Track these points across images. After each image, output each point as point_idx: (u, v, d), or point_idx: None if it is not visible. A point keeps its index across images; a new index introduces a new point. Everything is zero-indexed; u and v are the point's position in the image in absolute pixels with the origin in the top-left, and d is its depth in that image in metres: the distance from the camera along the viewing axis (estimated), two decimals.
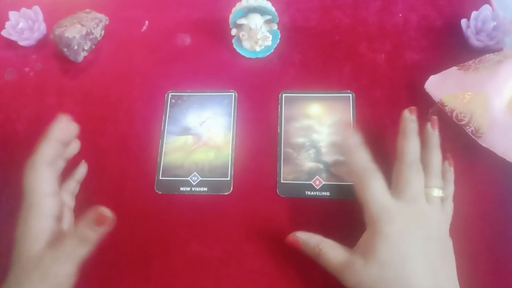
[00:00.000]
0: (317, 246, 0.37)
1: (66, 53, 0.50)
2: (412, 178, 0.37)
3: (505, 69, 0.40)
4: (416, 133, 0.39)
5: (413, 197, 0.36)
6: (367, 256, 0.34)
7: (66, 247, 0.35)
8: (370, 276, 0.33)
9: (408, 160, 0.38)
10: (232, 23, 0.49)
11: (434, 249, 0.34)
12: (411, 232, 0.34)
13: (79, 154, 0.47)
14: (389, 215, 0.35)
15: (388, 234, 0.34)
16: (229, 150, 0.46)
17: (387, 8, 0.52)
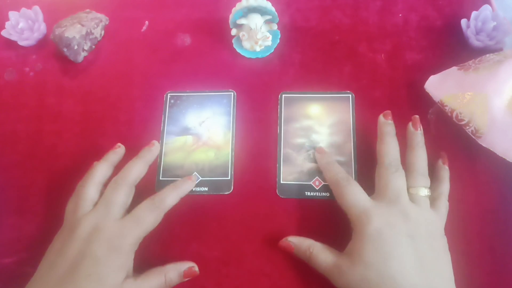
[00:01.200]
0: (308, 249, 0.38)
1: (66, 53, 0.50)
2: (391, 178, 0.37)
3: (505, 69, 0.40)
4: (392, 135, 0.40)
5: (394, 197, 0.37)
6: (352, 257, 0.35)
7: (151, 283, 0.37)
8: (356, 277, 0.34)
9: (386, 162, 0.38)
10: (232, 23, 0.49)
11: (422, 247, 0.34)
12: (393, 231, 0.35)
13: (79, 153, 0.47)
14: (367, 216, 0.36)
15: (368, 235, 0.35)
16: (229, 150, 0.46)
17: (387, 8, 0.52)
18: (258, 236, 0.43)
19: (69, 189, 0.46)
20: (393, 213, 0.36)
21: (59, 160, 0.47)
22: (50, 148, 0.48)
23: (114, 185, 0.40)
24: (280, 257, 0.42)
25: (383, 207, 0.36)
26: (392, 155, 0.39)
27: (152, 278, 0.37)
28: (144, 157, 0.43)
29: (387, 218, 0.35)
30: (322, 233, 0.42)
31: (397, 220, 0.35)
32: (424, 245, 0.35)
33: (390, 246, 0.34)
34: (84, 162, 0.47)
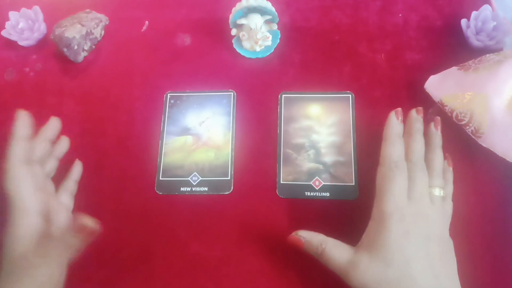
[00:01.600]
0: (320, 245, 0.37)
1: (66, 53, 0.50)
2: (418, 176, 0.37)
3: (505, 69, 0.40)
4: (422, 134, 0.39)
5: (419, 196, 0.36)
6: (372, 253, 0.34)
7: (51, 252, 0.35)
8: (374, 275, 0.33)
9: (414, 159, 0.38)
10: (232, 23, 0.49)
11: (435, 249, 0.34)
12: (415, 232, 0.34)
13: (79, 153, 0.47)
14: (400, 215, 0.34)
15: (396, 233, 0.34)
16: (229, 150, 0.46)
17: (387, 8, 0.52)
18: (258, 236, 0.43)
19: None
20: (418, 214, 0.35)
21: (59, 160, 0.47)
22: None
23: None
24: (280, 257, 0.42)
25: (411, 207, 0.35)
26: (419, 153, 0.38)
27: (51, 244, 0.36)
28: (43, 135, 0.43)
29: (414, 219, 0.35)
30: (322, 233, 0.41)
31: (420, 222, 0.35)
32: (437, 246, 0.35)
33: (411, 247, 0.33)
34: (84, 162, 0.47)
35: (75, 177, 0.45)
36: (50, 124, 0.44)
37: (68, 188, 0.44)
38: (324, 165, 0.44)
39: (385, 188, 0.36)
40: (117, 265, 0.43)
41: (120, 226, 0.44)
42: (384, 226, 0.34)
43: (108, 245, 0.43)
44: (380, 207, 0.35)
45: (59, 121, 0.45)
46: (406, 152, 0.38)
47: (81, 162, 0.46)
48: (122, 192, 0.45)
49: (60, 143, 0.45)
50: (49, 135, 0.43)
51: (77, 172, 0.46)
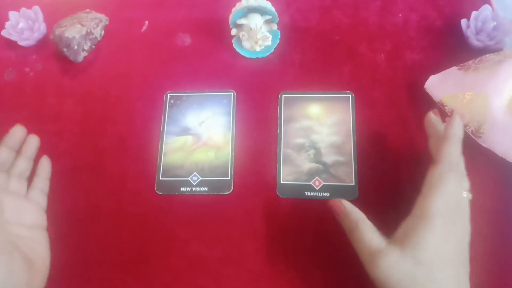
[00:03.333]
0: (357, 221, 0.35)
1: (66, 53, 0.50)
2: (464, 181, 0.36)
3: (505, 69, 0.40)
4: (461, 143, 0.38)
5: (462, 202, 0.35)
6: (405, 248, 0.33)
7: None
8: (401, 271, 0.32)
9: (455, 163, 0.36)
10: (232, 23, 0.49)
11: (464, 254, 0.34)
12: (454, 237, 0.33)
13: (79, 153, 0.47)
14: (447, 217, 0.33)
15: (438, 235, 0.32)
16: (229, 150, 0.46)
17: (387, 8, 0.52)
18: (258, 236, 0.43)
19: (69, 188, 0.46)
20: (459, 218, 0.34)
21: (59, 160, 0.47)
22: (50, 148, 0.48)
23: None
24: (280, 257, 0.42)
25: (456, 210, 0.34)
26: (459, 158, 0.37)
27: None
28: (3, 143, 0.44)
29: (458, 223, 0.34)
30: (322, 233, 0.42)
31: (460, 226, 0.34)
32: (466, 252, 0.34)
33: (449, 252, 0.33)
34: (84, 162, 0.47)
35: (44, 174, 0.46)
36: (12, 132, 0.45)
37: (37, 186, 0.45)
38: (324, 165, 0.44)
39: (438, 187, 0.34)
40: (117, 265, 0.43)
41: (120, 226, 0.44)
42: (427, 225, 0.33)
43: (108, 245, 0.43)
44: (427, 205, 0.33)
45: (22, 128, 0.46)
46: (444, 157, 0.37)
47: (49, 159, 0.47)
48: (122, 192, 0.45)
49: (28, 142, 0.46)
50: (9, 143, 0.45)
51: (44, 169, 0.46)
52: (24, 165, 0.45)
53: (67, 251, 0.43)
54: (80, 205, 0.45)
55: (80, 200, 0.45)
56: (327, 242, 0.41)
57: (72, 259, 0.43)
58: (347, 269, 0.40)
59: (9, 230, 0.40)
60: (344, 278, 0.40)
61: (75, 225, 0.44)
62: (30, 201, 0.43)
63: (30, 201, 0.43)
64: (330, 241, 0.40)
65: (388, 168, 0.44)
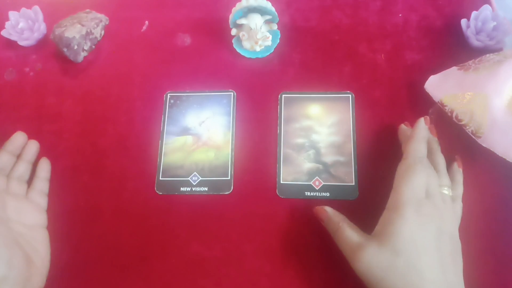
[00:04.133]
0: (338, 223, 0.38)
1: (66, 53, 0.50)
2: (432, 175, 0.37)
3: (505, 69, 0.40)
4: (426, 141, 0.40)
5: (434, 192, 0.36)
6: (382, 240, 0.34)
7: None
8: (381, 262, 0.33)
9: (420, 157, 0.38)
10: (232, 23, 0.49)
11: (446, 245, 0.35)
12: (429, 226, 0.34)
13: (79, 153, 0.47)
14: (417, 206, 0.35)
15: (411, 223, 0.34)
16: (229, 150, 0.46)
17: (387, 8, 0.52)
18: (258, 236, 0.43)
19: (69, 188, 0.46)
20: (431, 209, 0.35)
21: (59, 160, 0.47)
22: (50, 148, 0.48)
23: None
24: (280, 257, 0.42)
25: (427, 201, 0.36)
26: (424, 153, 0.39)
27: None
28: (2, 147, 0.45)
29: (428, 213, 0.35)
30: (322, 233, 0.42)
31: (433, 216, 0.35)
32: (448, 242, 0.35)
33: (423, 239, 0.34)
34: (84, 162, 0.47)
35: (43, 175, 0.46)
36: (13, 138, 0.46)
37: (37, 187, 0.45)
38: (324, 165, 0.44)
39: (406, 179, 0.36)
40: (117, 265, 0.43)
41: (120, 226, 0.44)
42: (399, 214, 0.34)
43: (108, 245, 0.43)
44: (398, 196, 0.36)
45: (23, 134, 0.47)
46: (409, 152, 0.39)
47: (48, 160, 0.47)
48: (122, 192, 0.45)
49: (27, 147, 0.47)
50: (10, 149, 0.45)
51: (44, 170, 0.46)
52: (24, 169, 0.45)
53: (67, 251, 0.43)
54: (80, 205, 0.45)
55: (80, 200, 0.45)
56: (327, 242, 0.41)
57: (72, 259, 0.43)
58: (347, 269, 0.40)
59: (11, 227, 0.40)
60: (344, 278, 0.40)
61: (75, 225, 0.44)
62: (30, 201, 0.44)
63: (30, 201, 0.44)
64: (330, 241, 0.40)
65: (388, 168, 0.44)
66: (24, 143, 0.47)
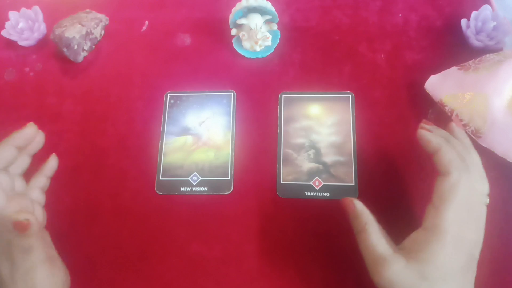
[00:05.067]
0: (365, 223, 0.35)
1: (66, 53, 0.50)
2: (471, 187, 0.34)
3: (505, 69, 0.40)
4: (447, 143, 0.37)
5: (475, 208, 0.34)
6: (411, 260, 0.32)
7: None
8: (405, 282, 0.32)
9: (465, 165, 0.35)
10: (232, 23, 0.49)
11: (472, 270, 0.33)
12: (463, 251, 0.32)
13: (79, 153, 0.47)
14: (458, 228, 0.32)
15: (447, 249, 0.32)
16: (229, 150, 0.46)
17: (387, 8, 0.52)
18: (258, 236, 0.43)
19: (69, 188, 0.46)
20: (471, 230, 0.33)
21: (59, 160, 0.47)
22: (50, 148, 0.48)
23: None
24: (280, 257, 0.42)
25: (467, 220, 0.33)
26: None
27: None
28: (11, 141, 0.42)
29: (468, 235, 0.32)
30: (322, 233, 0.42)
31: (472, 240, 0.33)
32: (473, 269, 0.33)
33: (455, 266, 0.32)
34: (84, 162, 0.47)
35: (48, 173, 0.45)
36: (22, 131, 0.44)
37: (38, 184, 0.44)
38: (324, 165, 0.44)
39: (450, 199, 0.33)
40: (117, 265, 0.43)
41: (120, 226, 0.44)
42: (438, 239, 0.32)
43: (108, 245, 0.43)
44: (439, 218, 0.32)
45: (33, 129, 0.45)
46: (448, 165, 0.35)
47: (57, 158, 0.47)
48: (122, 192, 0.45)
49: (35, 141, 0.45)
50: (17, 143, 0.43)
51: (51, 168, 0.46)
52: (25, 162, 0.44)
53: (67, 251, 0.43)
54: (80, 205, 0.45)
55: (80, 199, 0.45)
56: (327, 242, 0.41)
57: (72, 259, 0.43)
58: (347, 269, 0.40)
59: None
60: (344, 278, 0.40)
61: (75, 225, 0.44)
62: (32, 199, 0.43)
63: (32, 199, 0.42)
64: (330, 241, 0.40)
65: (388, 168, 0.44)
66: (34, 137, 0.45)
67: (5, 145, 0.41)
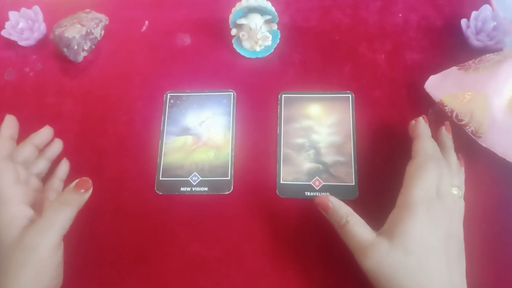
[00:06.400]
0: (346, 216, 0.36)
1: (66, 53, 0.50)
2: (445, 173, 0.37)
3: (505, 69, 0.40)
4: (431, 138, 0.40)
5: (445, 192, 0.36)
6: (393, 239, 0.33)
7: (47, 214, 0.35)
8: (392, 261, 0.33)
9: (437, 157, 0.38)
10: (232, 23, 0.49)
11: (454, 246, 0.35)
12: (439, 226, 0.34)
13: (79, 153, 0.47)
14: (428, 205, 0.34)
15: (422, 222, 0.33)
16: (229, 150, 0.46)
17: (387, 8, 0.52)
18: (258, 236, 0.43)
19: None
20: (443, 209, 0.35)
21: (59, 160, 0.47)
22: None
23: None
24: (280, 257, 0.42)
25: (439, 201, 0.35)
26: (439, 152, 0.39)
27: (46, 209, 0.36)
28: (30, 140, 0.44)
29: (439, 212, 0.35)
30: (322, 233, 0.42)
31: (444, 217, 0.35)
32: (455, 244, 0.35)
33: (433, 239, 0.33)
34: (84, 162, 0.47)
35: (61, 176, 0.46)
36: (41, 132, 0.46)
37: (53, 185, 0.45)
38: (324, 165, 0.44)
39: (417, 177, 0.36)
40: (117, 265, 0.43)
41: (120, 226, 0.44)
42: (411, 213, 0.34)
43: (108, 245, 0.43)
44: (409, 195, 0.35)
45: (51, 130, 0.47)
46: (420, 150, 0.39)
47: (68, 162, 0.47)
48: (122, 192, 0.45)
49: (52, 145, 0.47)
50: (36, 141, 0.45)
51: (63, 171, 0.46)
52: (44, 166, 0.45)
53: (67, 251, 0.43)
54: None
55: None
56: (327, 242, 0.41)
57: (72, 259, 0.43)
58: (347, 269, 0.40)
59: None
60: (344, 278, 0.40)
61: (75, 225, 0.44)
62: (47, 199, 0.43)
63: (47, 199, 0.43)
64: (330, 241, 0.40)
65: (388, 168, 0.44)
66: (50, 138, 0.47)
67: (24, 144, 0.44)
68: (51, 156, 0.46)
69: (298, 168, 0.45)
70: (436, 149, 0.39)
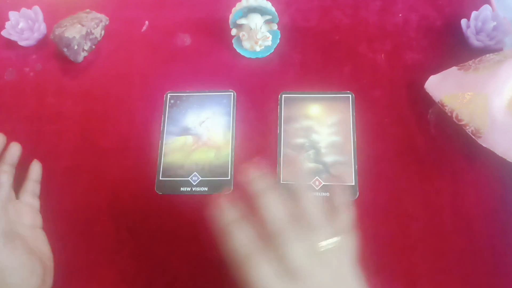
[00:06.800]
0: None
1: (66, 53, 0.50)
2: (290, 243, 0.30)
3: (505, 69, 0.40)
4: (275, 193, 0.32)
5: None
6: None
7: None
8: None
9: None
10: (232, 23, 0.49)
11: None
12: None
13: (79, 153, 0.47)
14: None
15: None
16: (229, 150, 0.46)
17: (387, 8, 0.52)
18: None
19: (69, 188, 0.46)
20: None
21: (59, 160, 0.47)
22: (50, 148, 0.48)
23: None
24: None
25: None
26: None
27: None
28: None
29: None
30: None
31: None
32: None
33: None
34: (84, 162, 0.47)
35: (34, 177, 0.45)
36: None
37: (28, 189, 0.44)
38: (324, 165, 0.44)
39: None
40: (117, 265, 0.43)
41: (120, 226, 0.44)
42: None
43: (108, 245, 0.43)
44: None
45: (2, 137, 0.44)
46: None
47: (39, 163, 0.46)
48: (122, 192, 0.45)
49: (9, 150, 0.45)
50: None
51: (35, 173, 0.46)
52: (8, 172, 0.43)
53: (67, 251, 0.43)
54: (80, 205, 0.45)
55: (80, 200, 0.45)
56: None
57: (72, 259, 0.43)
58: None
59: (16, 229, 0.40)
60: None
61: (75, 225, 0.44)
62: (24, 203, 0.43)
63: (24, 203, 0.43)
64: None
65: (388, 168, 0.44)
66: (4, 145, 0.45)
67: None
68: (12, 161, 0.44)
69: (298, 168, 0.44)
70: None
